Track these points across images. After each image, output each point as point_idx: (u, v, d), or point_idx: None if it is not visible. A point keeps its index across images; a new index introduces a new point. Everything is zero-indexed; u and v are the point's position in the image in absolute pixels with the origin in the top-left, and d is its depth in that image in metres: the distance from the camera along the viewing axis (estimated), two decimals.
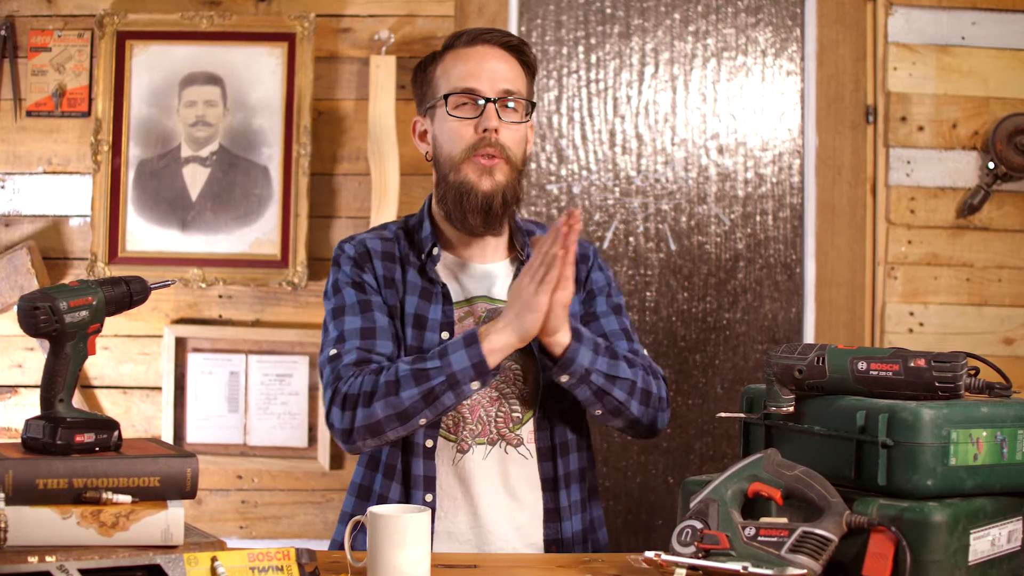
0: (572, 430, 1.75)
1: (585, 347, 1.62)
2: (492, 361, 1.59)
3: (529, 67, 1.77)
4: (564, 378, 1.63)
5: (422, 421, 1.62)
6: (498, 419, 1.70)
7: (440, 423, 1.70)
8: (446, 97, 1.72)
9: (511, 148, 1.71)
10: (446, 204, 1.73)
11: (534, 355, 1.70)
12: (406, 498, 1.70)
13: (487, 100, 1.69)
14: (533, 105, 1.76)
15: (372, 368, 1.63)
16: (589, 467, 1.80)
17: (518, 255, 1.77)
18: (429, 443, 1.69)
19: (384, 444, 1.67)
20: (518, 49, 1.76)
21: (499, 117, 1.70)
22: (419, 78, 1.80)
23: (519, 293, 1.58)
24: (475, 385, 1.60)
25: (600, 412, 1.68)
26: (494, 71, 1.71)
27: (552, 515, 1.71)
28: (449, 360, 1.59)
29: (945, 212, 2.67)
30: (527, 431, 1.72)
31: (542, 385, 1.71)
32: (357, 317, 1.69)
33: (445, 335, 1.71)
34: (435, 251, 1.74)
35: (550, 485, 1.71)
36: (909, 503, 1.26)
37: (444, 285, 1.73)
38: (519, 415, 1.72)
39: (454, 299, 1.74)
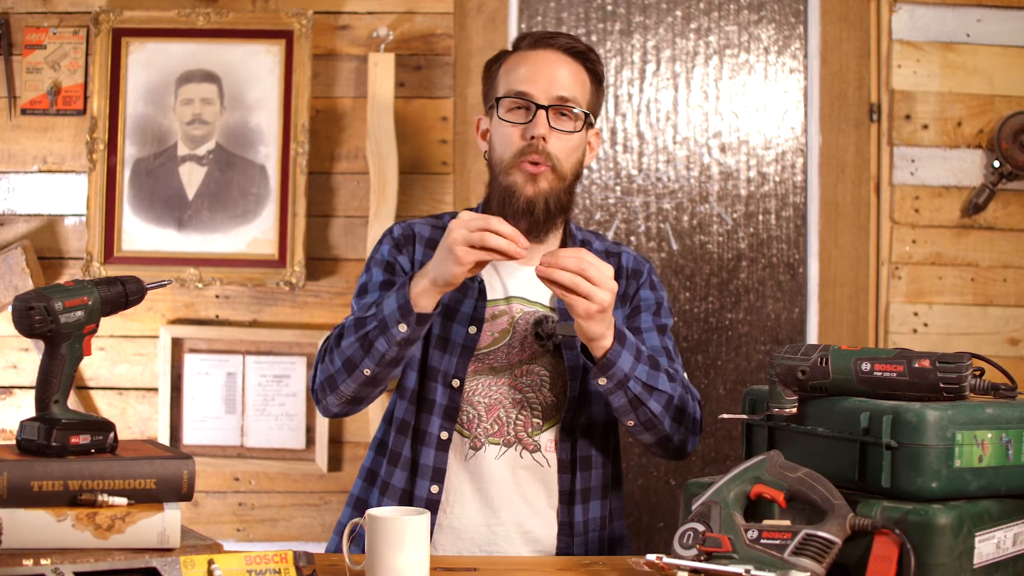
0: (597, 445, 1.72)
1: (627, 352, 1.58)
2: (417, 304, 1.54)
3: (595, 75, 1.75)
4: (602, 381, 1.58)
5: (366, 371, 1.59)
6: (517, 422, 1.70)
7: (456, 417, 1.69)
8: (498, 100, 1.72)
9: (559, 157, 1.69)
10: (492, 205, 1.73)
11: (564, 364, 1.69)
12: (411, 487, 1.70)
13: (538, 107, 1.68)
14: (590, 115, 1.73)
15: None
16: (615, 484, 1.77)
17: None
18: (444, 435, 1.69)
19: (346, 404, 1.66)
20: (584, 56, 1.74)
21: (549, 125, 1.68)
22: (485, 77, 1.80)
23: (447, 240, 1.51)
24: (402, 328, 1.55)
25: (633, 423, 1.64)
26: (551, 77, 1.70)
27: (565, 529, 1.70)
28: (382, 306, 1.58)
29: (950, 211, 2.66)
30: (547, 439, 1.71)
31: (569, 396, 1.69)
32: (377, 295, 1.69)
33: (472, 329, 1.70)
34: None
35: (566, 498, 1.70)
36: (913, 505, 1.25)
37: (482, 281, 1.72)
38: (539, 421, 1.70)
39: (492, 296, 1.74)
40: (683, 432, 1.68)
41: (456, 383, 1.70)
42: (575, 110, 1.70)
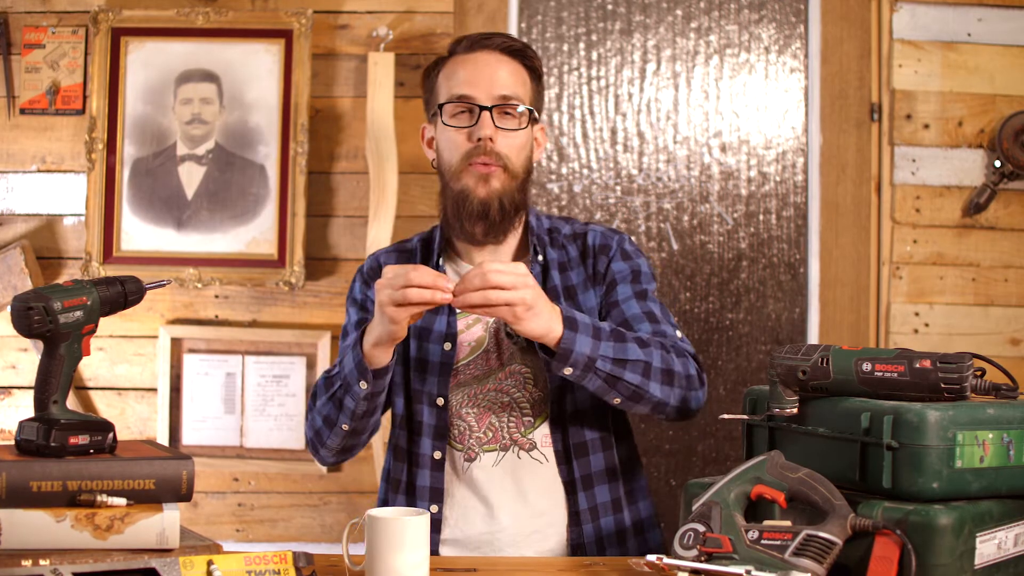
0: (592, 429, 1.71)
1: (582, 334, 1.54)
2: (371, 361, 1.56)
3: (533, 71, 1.75)
4: (567, 371, 1.55)
5: (344, 427, 1.63)
6: (510, 424, 1.69)
7: (447, 435, 1.69)
8: (441, 106, 1.72)
9: (509, 156, 1.69)
10: (447, 213, 1.73)
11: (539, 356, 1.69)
12: None
13: (482, 108, 1.68)
14: (533, 111, 1.73)
15: None
16: (627, 465, 1.75)
17: (532, 257, 1.75)
18: (437, 455, 1.69)
19: (339, 454, 1.70)
20: (521, 53, 1.74)
21: (495, 125, 1.68)
22: (425, 84, 1.79)
23: (378, 301, 1.51)
24: (363, 385, 1.57)
25: (619, 400, 1.61)
26: (492, 77, 1.70)
27: (573, 519, 1.69)
28: (343, 364, 1.61)
29: (951, 211, 2.66)
30: (540, 435, 1.70)
31: (551, 387, 1.69)
32: (353, 336, 1.69)
33: (447, 346, 1.69)
34: (440, 262, 1.76)
35: (569, 488, 1.69)
36: (914, 506, 1.25)
37: None
38: (530, 419, 1.70)
39: None
40: (678, 392, 1.63)
41: (440, 401, 1.69)
42: (519, 108, 1.70)
